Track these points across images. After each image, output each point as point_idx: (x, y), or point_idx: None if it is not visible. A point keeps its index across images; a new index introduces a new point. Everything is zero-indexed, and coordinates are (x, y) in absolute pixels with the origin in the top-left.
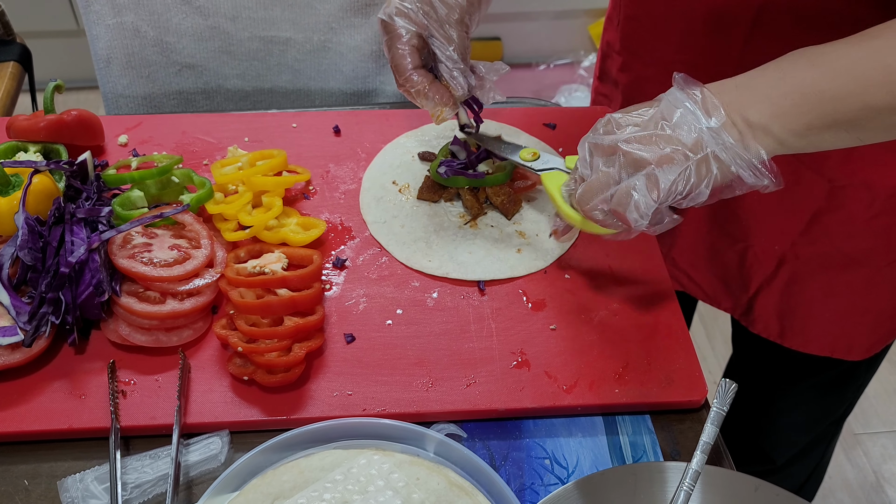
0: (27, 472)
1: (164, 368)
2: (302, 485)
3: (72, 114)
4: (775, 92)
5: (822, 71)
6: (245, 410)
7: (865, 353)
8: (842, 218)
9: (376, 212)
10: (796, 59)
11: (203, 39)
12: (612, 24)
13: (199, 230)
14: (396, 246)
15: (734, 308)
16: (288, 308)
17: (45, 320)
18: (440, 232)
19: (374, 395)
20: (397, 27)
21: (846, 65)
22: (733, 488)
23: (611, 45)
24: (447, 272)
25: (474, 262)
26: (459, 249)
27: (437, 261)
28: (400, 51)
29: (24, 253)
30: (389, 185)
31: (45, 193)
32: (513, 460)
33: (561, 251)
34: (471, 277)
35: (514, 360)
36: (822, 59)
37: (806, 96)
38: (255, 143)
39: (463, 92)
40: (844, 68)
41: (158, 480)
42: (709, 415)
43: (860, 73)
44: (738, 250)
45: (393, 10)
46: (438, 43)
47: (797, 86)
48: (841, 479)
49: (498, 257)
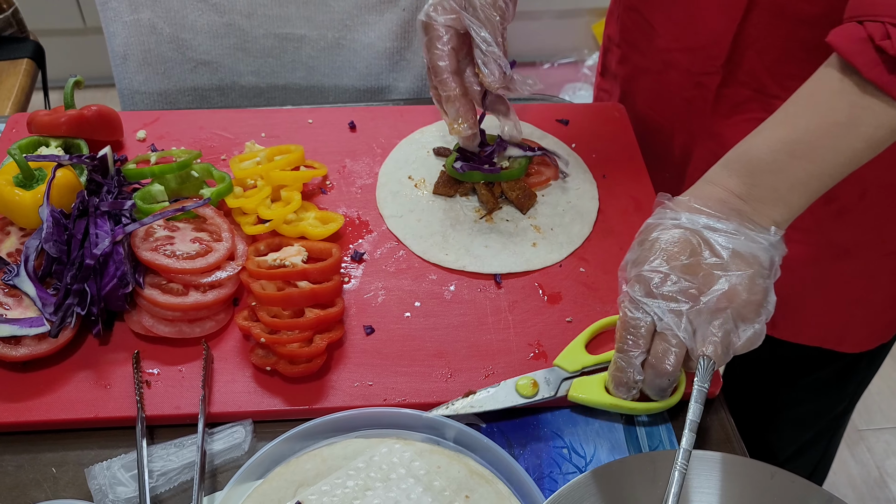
0: (55, 459)
1: (188, 359)
2: (325, 472)
3: (92, 109)
4: (784, 190)
5: (807, 155)
6: (268, 400)
7: (858, 346)
8: (834, 210)
9: (393, 206)
10: (778, 152)
11: (218, 36)
12: (612, 17)
13: (220, 223)
14: (413, 240)
15: None
16: (309, 300)
17: (71, 311)
18: (456, 226)
19: (394, 386)
20: (436, 27)
21: (821, 139)
22: (750, 476)
23: (611, 39)
24: (464, 265)
25: (490, 255)
26: (475, 243)
27: (454, 254)
28: (438, 52)
29: (49, 245)
30: (405, 179)
31: (68, 187)
32: (531, 449)
33: (576, 245)
34: (487, 270)
35: (531, 352)
36: (802, 145)
37: (808, 186)
38: (271, 139)
39: (494, 80)
40: (823, 145)
41: (184, 468)
42: (692, 393)
43: (840, 147)
44: None
45: (430, 7)
46: (474, 25)
47: (797, 180)
48: (845, 475)
49: (513, 251)
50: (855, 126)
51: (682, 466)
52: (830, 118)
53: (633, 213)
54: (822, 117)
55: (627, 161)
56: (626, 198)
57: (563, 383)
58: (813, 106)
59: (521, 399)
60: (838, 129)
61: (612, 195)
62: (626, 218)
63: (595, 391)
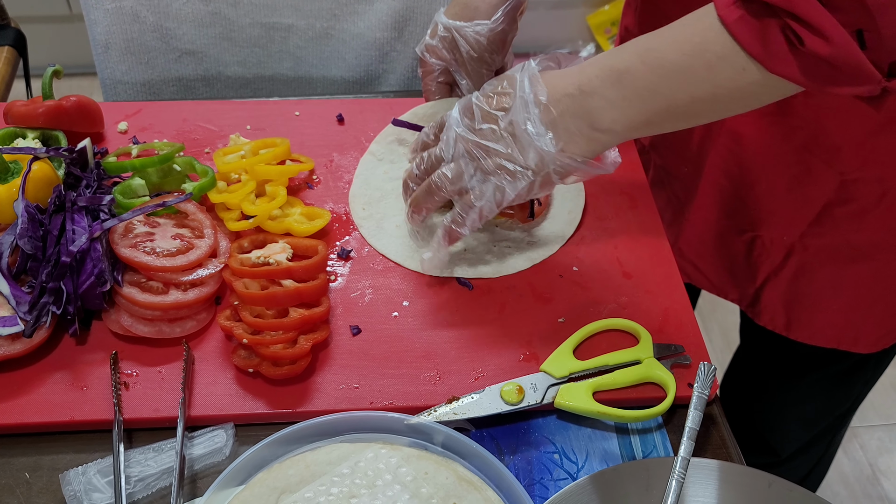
0: (28, 464)
1: (167, 360)
2: (308, 479)
3: (71, 100)
4: (617, 95)
5: (654, 71)
6: (250, 403)
7: (872, 346)
8: (852, 211)
9: (367, 219)
10: (629, 57)
11: (203, 25)
12: (630, 8)
13: (203, 219)
14: (399, 256)
15: (741, 299)
16: (293, 299)
17: (46, 310)
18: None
19: (380, 388)
20: (427, 63)
21: (674, 62)
22: (747, 484)
23: (629, 30)
24: (453, 273)
25: (477, 259)
26: (465, 256)
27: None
28: (429, 86)
29: (24, 241)
30: (378, 183)
31: (44, 181)
32: (521, 455)
33: (561, 242)
34: (478, 276)
35: (522, 354)
36: (652, 56)
37: (644, 99)
38: (257, 132)
39: None
40: (673, 67)
41: (162, 474)
42: (691, 400)
43: (687, 70)
44: (746, 240)
45: (423, 47)
46: (460, 77)
47: (636, 89)
48: (837, 472)
49: (500, 252)
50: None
51: (679, 475)
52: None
53: (627, 209)
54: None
55: (622, 154)
56: (621, 194)
57: (549, 389)
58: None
59: (506, 406)
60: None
61: (606, 191)
62: (622, 214)
63: (582, 398)
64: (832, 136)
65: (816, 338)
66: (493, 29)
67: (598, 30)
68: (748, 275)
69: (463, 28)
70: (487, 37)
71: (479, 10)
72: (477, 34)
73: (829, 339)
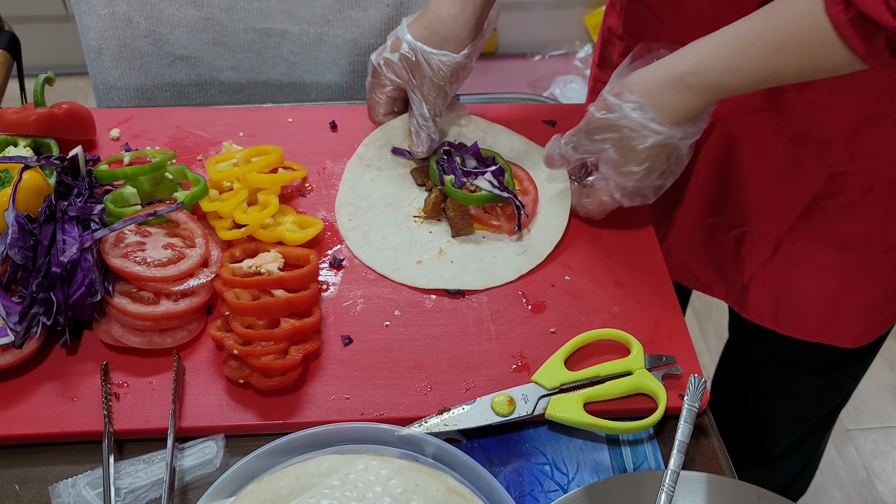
0: (18, 476)
1: (158, 370)
2: (299, 491)
3: (62, 107)
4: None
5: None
6: (241, 414)
7: (858, 340)
8: (840, 203)
9: (353, 230)
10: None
11: (196, 31)
12: (614, 9)
13: (194, 229)
14: (385, 268)
15: (727, 294)
16: (285, 310)
17: (36, 321)
18: (418, 246)
19: (371, 399)
20: (382, 76)
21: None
22: (737, 497)
23: (612, 31)
24: (442, 285)
25: (463, 271)
26: (451, 267)
27: (426, 279)
28: (376, 98)
29: (14, 252)
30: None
31: (35, 190)
32: (512, 466)
33: (549, 248)
34: (468, 287)
35: (514, 364)
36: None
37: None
38: (250, 139)
39: (422, 152)
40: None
41: (152, 486)
42: (682, 413)
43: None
44: (735, 235)
45: (382, 60)
46: (416, 99)
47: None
48: (832, 475)
49: (479, 266)
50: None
51: (669, 488)
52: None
53: (619, 218)
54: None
55: None
56: None
57: (540, 400)
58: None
59: (497, 417)
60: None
61: None
62: (614, 222)
63: (573, 410)
64: (823, 130)
65: (802, 330)
66: (458, 62)
67: (595, 30)
68: (736, 270)
69: (431, 55)
70: (452, 68)
71: (447, 39)
72: (442, 63)
73: (814, 331)
